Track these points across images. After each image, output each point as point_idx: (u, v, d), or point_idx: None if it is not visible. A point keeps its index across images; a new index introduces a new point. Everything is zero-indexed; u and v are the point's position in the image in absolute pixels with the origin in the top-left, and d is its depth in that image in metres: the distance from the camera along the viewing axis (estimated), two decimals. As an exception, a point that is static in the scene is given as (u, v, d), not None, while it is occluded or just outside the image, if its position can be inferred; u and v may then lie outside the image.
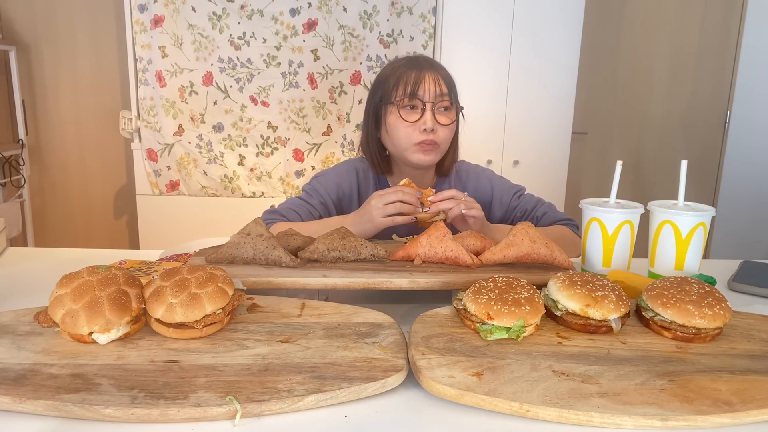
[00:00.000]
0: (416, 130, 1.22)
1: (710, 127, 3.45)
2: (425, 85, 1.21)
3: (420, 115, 1.22)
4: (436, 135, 1.22)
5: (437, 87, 1.22)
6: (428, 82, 1.21)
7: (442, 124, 1.23)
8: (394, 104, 1.23)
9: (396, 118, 1.23)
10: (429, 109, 1.21)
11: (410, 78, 1.21)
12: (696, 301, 0.76)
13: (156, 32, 2.74)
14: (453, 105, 1.25)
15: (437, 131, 1.22)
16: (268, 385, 0.63)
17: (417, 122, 1.22)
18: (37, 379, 0.63)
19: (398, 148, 1.26)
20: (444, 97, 1.22)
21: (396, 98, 1.22)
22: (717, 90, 3.40)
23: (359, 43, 2.82)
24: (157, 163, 2.89)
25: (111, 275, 0.75)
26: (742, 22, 3.25)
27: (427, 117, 1.21)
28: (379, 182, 1.37)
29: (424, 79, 1.21)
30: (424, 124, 1.20)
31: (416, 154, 1.24)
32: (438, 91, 1.21)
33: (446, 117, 1.24)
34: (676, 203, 1.01)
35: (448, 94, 1.23)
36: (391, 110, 1.24)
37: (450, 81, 1.26)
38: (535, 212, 1.34)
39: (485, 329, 0.74)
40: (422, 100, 1.21)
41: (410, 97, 1.21)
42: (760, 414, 0.60)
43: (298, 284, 0.89)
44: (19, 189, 3.09)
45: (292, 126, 2.89)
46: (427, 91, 1.21)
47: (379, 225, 1.13)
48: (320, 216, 1.31)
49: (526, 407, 0.60)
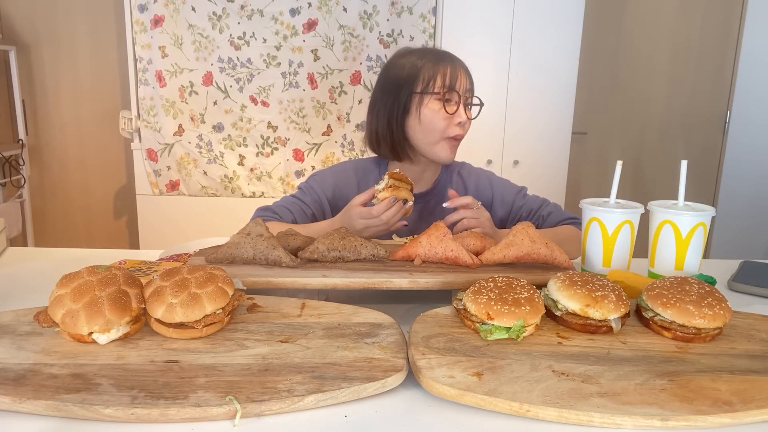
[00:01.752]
0: (452, 123, 1.24)
1: (710, 127, 3.45)
2: (461, 79, 1.24)
3: (455, 109, 1.24)
4: (464, 129, 1.26)
5: (466, 81, 1.26)
6: (462, 77, 1.25)
7: (469, 119, 1.27)
8: (432, 95, 1.23)
9: (434, 109, 1.24)
10: (463, 103, 1.24)
11: (447, 71, 1.24)
12: (696, 301, 0.76)
13: (156, 32, 2.74)
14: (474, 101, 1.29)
15: (465, 125, 1.26)
16: (268, 385, 0.63)
17: (453, 115, 1.24)
18: (37, 379, 0.63)
19: (428, 140, 1.26)
20: (473, 93, 1.28)
21: (435, 89, 1.24)
22: (717, 90, 3.40)
23: (359, 43, 2.82)
24: (157, 163, 2.89)
25: (111, 275, 0.75)
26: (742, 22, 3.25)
27: (462, 111, 1.24)
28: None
29: (459, 74, 1.25)
30: (460, 117, 1.24)
31: (444, 150, 1.26)
32: (468, 86, 1.26)
33: (472, 111, 1.29)
34: (676, 203, 1.01)
35: (471, 89, 1.28)
36: (428, 101, 1.24)
37: (471, 76, 1.30)
38: (541, 212, 1.34)
39: (485, 329, 0.74)
40: (459, 93, 1.24)
41: (449, 90, 1.23)
42: (760, 414, 0.60)
43: (298, 284, 0.89)
44: (19, 189, 3.09)
45: (292, 126, 2.89)
46: (462, 86, 1.24)
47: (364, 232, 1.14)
48: (313, 214, 1.32)
49: (526, 407, 0.60)
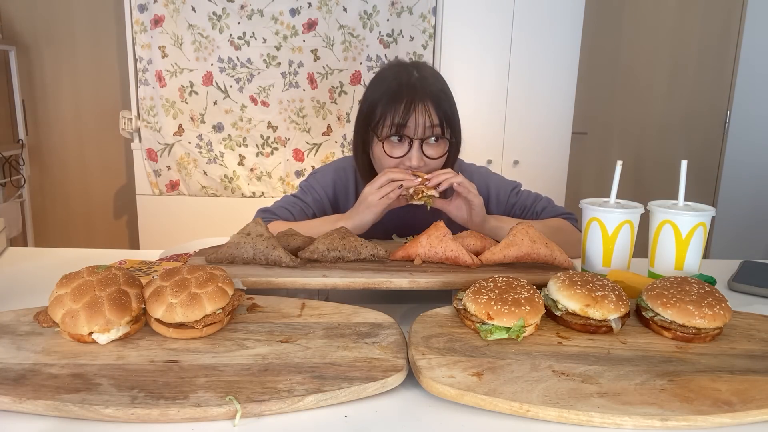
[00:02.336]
0: (402, 164, 1.16)
1: (710, 127, 3.45)
2: (414, 119, 1.13)
3: (407, 150, 1.15)
4: (423, 169, 1.16)
5: (426, 119, 1.13)
6: (416, 116, 1.13)
7: (429, 158, 1.17)
8: (380, 139, 1.16)
9: (381, 151, 1.17)
10: (416, 147, 1.14)
11: (398, 111, 1.13)
12: (696, 301, 0.76)
13: (156, 32, 2.74)
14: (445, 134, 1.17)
15: (426, 165, 1.17)
16: (268, 385, 0.63)
17: (403, 157, 1.16)
18: (37, 379, 0.63)
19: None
20: (435, 128, 1.15)
21: (382, 132, 1.16)
22: (717, 90, 3.40)
23: (359, 43, 2.82)
24: (157, 163, 2.89)
25: (111, 275, 0.75)
26: (742, 22, 3.25)
27: (413, 155, 1.14)
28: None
29: (413, 113, 1.13)
30: (409, 161, 1.15)
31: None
32: (428, 123, 1.14)
33: (436, 149, 1.18)
34: (676, 203, 1.01)
35: (440, 124, 1.15)
36: (376, 141, 1.18)
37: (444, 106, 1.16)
38: (535, 207, 1.34)
39: (485, 329, 0.74)
40: (409, 137, 1.15)
41: (397, 133, 1.15)
42: (760, 414, 0.60)
43: (298, 284, 0.89)
44: (19, 189, 3.09)
45: (292, 126, 2.89)
46: (416, 127, 1.14)
47: (377, 209, 1.11)
48: (314, 213, 1.31)
49: (526, 407, 0.60)
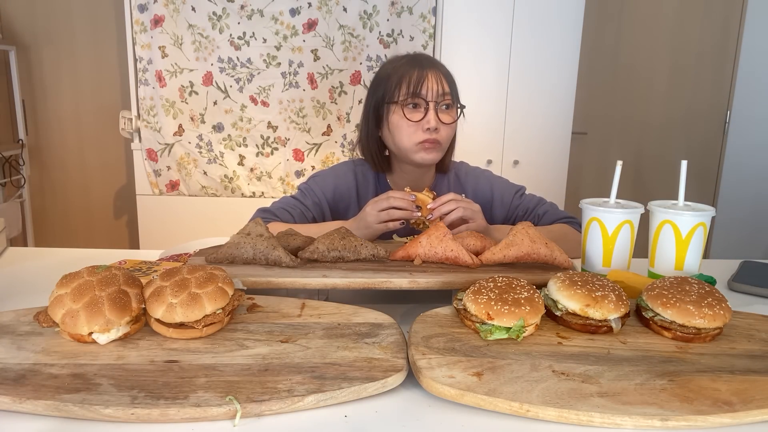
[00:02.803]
0: (419, 129, 1.22)
1: (710, 127, 3.45)
2: (428, 83, 1.21)
3: (423, 114, 1.22)
4: (439, 134, 1.23)
5: (439, 86, 1.22)
6: (431, 81, 1.21)
7: (444, 123, 1.23)
8: (398, 103, 1.23)
9: (399, 117, 1.23)
10: (432, 108, 1.21)
11: (413, 76, 1.21)
12: (696, 301, 0.76)
13: (156, 32, 2.74)
14: (454, 103, 1.25)
15: (440, 130, 1.23)
16: (268, 385, 0.62)
17: (420, 121, 1.22)
18: (37, 379, 0.63)
19: (400, 147, 1.26)
20: (446, 96, 1.23)
21: (399, 97, 1.22)
22: (717, 90, 3.40)
23: (359, 43, 2.82)
24: (157, 163, 2.89)
25: (111, 275, 0.75)
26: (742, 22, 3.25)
27: (431, 116, 1.21)
28: (379, 182, 1.37)
29: (426, 78, 1.21)
30: (428, 123, 1.21)
31: (419, 153, 1.24)
32: (440, 89, 1.22)
33: (448, 115, 1.25)
34: (676, 203, 1.01)
35: (450, 92, 1.23)
36: (394, 109, 1.24)
37: (451, 79, 1.26)
38: (537, 210, 1.34)
39: (485, 329, 0.74)
40: (425, 99, 1.21)
41: (413, 96, 1.21)
42: (760, 414, 0.60)
43: (298, 284, 0.89)
44: (19, 189, 3.09)
45: (292, 126, 2.89)
46: (430, 90, 1.21)
47: (375, 231, 1.15)
48: (313, 217, 1.32)
49: (526, 407, 0.60)
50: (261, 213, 1.29)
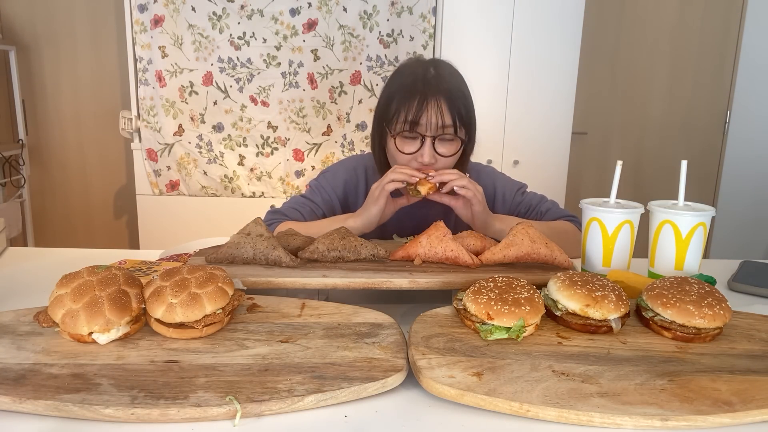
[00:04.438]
0: (414, 161, 1.18)
1: (710, 127, 3.45)
2: (426, 116, 1.15)
3: (419, 146, 1.17)
4: (436, 166, 1.18)
5: (438, 118, 1.15)
6: (429, 113, 1.14)
7: (442, 156, 1.18)
8: (393, 135, 1.19)
9: (394, 147, 1.19)
10: (428, 144, 1.16)
11: (412, 107, 1.15)
12: (696, 301, 0.76)
13: (156, 32, 2.74)
14: (457, 135, 1.18)
15: (437, 162, 1.18)
16: (268, 385, 0.63)
17: (415, 153, 1.18)
18: (37, 379, 0.63)
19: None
20: (446, 129, 1.16)
21: (395, 128, 1.18)
22: (717, 90, 3.40)
23: (359, 43, 2.82)
24: (157, 163, 2.89)
25: (111, 275, 0.75)
26: (742, 22, 3.25)
27: (425, 151, 1.16)
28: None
29: (425, 110, 1.14)
30: (422, 158, 1.16)
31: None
32: (440, 122, 1.15)
33: (448, 147, 1.18)
34: (676, 203, 1.01)
35: (452, 124, 1.16)
36: (390, 136, 1.20)
37: (456, 105, 1.16)
38: (539, 208, 1.34)
39: (485, 329, 0.74)
40: (421, 134, 1.16)
41: (410, 129, 1.16)
42: (760, 414, 0.60)
43: (298, 284, 0.89)
44: (19, 189, 3.09)
45: (292, 126, 2.89)
46: (428, 124, 1.15)
47: (380, 200, 1.13)
48: (323, 214, 1.31)
49: (526, 407, 0.60)
50: (271, 215, 1.28)
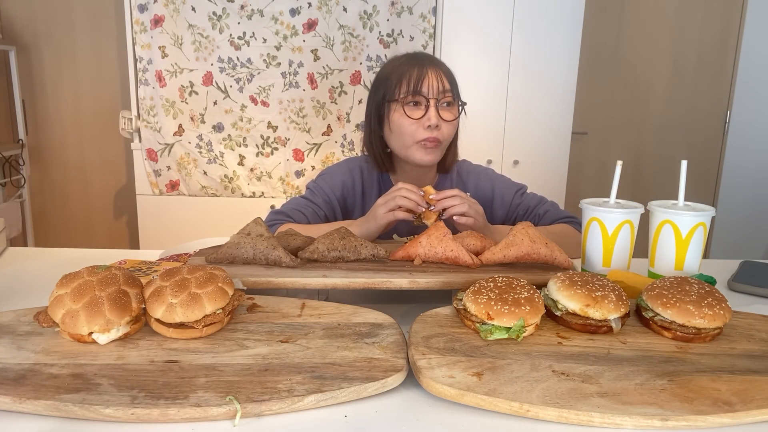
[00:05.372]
0: (420, 127, 1.22)
1: (710, 127, 3.45)
2: (428, 81, 1.21)
3: (424, 112, 1.21)
4: (440, 132, 1.22)
5: (440, 83, 1.21)
6: (431, 79, 1.21)
7: (445, 120, 1.23)
8: (398, 101, 1.22)
9: (400, 115, 1.22)
10: (433, 105, 1.21)
11: (413, 74, 1.21)
12: (696, 301, 0.76)
13: (156, 32, 2.74)
14: (455, 101, 1.25)
15: (441, 128, 1.22)
16: (268, 385, 0.63)
17: (421, 119, 1.22)
18: (37, 379, 0.63)
19: (401, 146, 1.26)
20: (447, 93, 1.22)
21: (399, 95, 1.22)
22: (717, 90, 3.40)
23: (359, 43, 2.82)
24: (157, 163, 2.89)
25: (111, 275, 0.75)
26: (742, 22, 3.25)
27: (431, 113, 1.20)
28: (383, 180, 1.37)
29: (426, 76, 1.21)
30: (429, 121, 1.20)
31: (418, 152, 1.24)
32: (441, 87, 1.21)
33: (449, 113, 1.24)
34: (676, 203, 1.01)
35: (451, 90, 1.23)
36: (395, 107, 1.23)
37: (452, 77, 1.26)
38: (537, 210, 1.34)
39: (485, 329, 0.74)
40: (426, 97, 1.21)
41: (414, 94, 1.21)
42: (760, 414, 0.60)
43: (298, 284, 0.89)
44: (19, 189, 3.09)
45: (292, 126, 2.89)
46: (431, 88, 1.21)
47: (381, 221, 1.13)
48: (325, 215, 1.32)
49: (526, 407, 0.60)
50: (274, 215, 1.29)
